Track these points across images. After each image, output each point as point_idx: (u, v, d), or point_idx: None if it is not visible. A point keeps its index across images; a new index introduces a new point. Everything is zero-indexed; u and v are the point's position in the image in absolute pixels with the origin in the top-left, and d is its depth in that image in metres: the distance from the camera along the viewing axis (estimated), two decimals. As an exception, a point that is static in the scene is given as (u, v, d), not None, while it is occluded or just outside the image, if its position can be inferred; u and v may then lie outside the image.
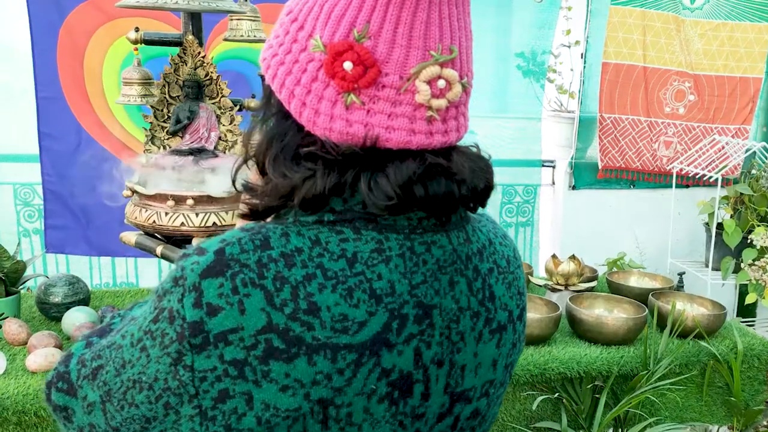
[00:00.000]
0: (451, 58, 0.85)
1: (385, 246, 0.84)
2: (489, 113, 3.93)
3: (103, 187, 2.36)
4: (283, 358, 0.77)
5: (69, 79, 3.16)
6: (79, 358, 0.92)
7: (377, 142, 0.84)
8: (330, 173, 0.84)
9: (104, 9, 3.09)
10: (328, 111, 0.85)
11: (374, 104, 0.84)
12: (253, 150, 0.93)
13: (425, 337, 0.85)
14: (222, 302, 0.77)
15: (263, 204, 0.90)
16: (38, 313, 2.34)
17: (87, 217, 3.33)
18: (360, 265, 0.82)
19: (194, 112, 2.21)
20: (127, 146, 3.26)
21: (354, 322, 0.79)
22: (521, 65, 3.83)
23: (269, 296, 0.78)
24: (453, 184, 0.85)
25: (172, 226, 2.06)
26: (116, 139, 3.26)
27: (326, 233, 0.83)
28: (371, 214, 0.84)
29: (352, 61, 0.83)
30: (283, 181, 0.85)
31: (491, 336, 0.93)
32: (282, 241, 0.82)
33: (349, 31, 0.83)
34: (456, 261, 0.90)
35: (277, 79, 0.89)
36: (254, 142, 1.00)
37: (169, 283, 0.81)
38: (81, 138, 3.23)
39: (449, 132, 0.88)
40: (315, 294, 0.79)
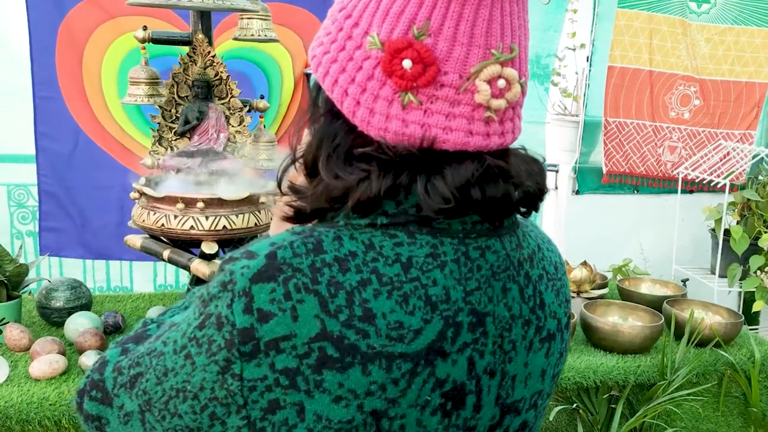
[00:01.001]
0: (511, 57, 0.82)
1: (440, 251, 0.81)
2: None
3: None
4: (336, 368, 0.74)
5: (67, 79, 3.08)
6: (115, 365, 0.88)
7: (434, 144, 0.80)
8: (385, 175, 0.80)
9: (105, 7, 3.02)
10: (384, 110, 0.81)
11: (432, 104, 0.80)
12: (302, 151, 0.89)
13: (479, 346, 0.82)
14: (274, 308, 0.74)
15: (312, 206, 0.86)
16: (38, 318, 2.28)
17: (83, 219, 3.25)
18: (415, 270, 0.79)
19: (203, 112, 2.16)
20: (126, 147, 3.19)
21: (409, 330, 0.76)
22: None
23: (323, 302, 0.75)
24: (510, 187, 0.83)
25: (181, 229, 2.00)
26: (114, 139, 3.18)
27: (380, 237, 0.80)
28: (425, 217, 0.81)
29: (411, 59, 0.79)
30: (337, 183, 0.82)
31: (541, 345, 0.90)
32: (335, 244, 0.79)
33: (408, 28, 0.80)
34: (509, 267, 0.87)
35: (329, 78, 0.85)
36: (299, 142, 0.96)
37: (216, 287, 0.78)
38: (78, 138, 3.15)
39: (506, 133, 0.85)
40: (370, 300, 0.76)
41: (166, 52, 2.97)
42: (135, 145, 3.18)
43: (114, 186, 3.20)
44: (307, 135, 0.93)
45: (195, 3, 1.91)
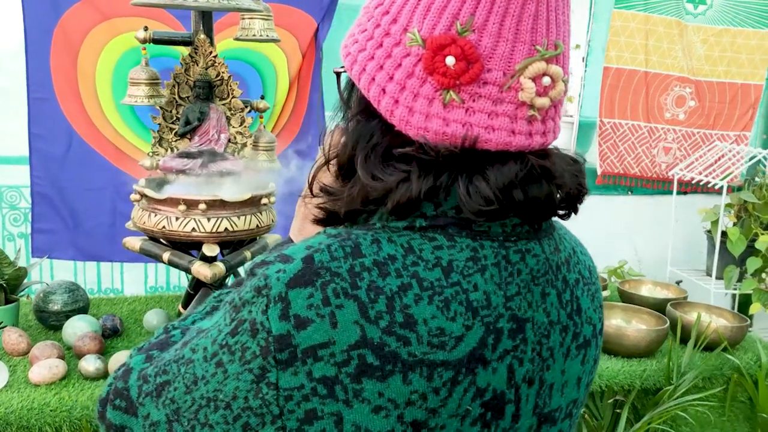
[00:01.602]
0: (556, 54, 0.80)
1: (480, 254, 0.79)
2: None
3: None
4: (376, 376, 0.72)
5: (62, 80, 3.04)
6: (140, 373, 0.86)
7: (476, 143, 0.78)
8: (425, 176, 0.78)
9: (100, 8, 2.99)
10: (424, 109, 0.79)
11: (474, 102, 0.78)
12: (335, 151, 0.87)
13: (518, 354, 0.80)
14: (312, 314, 0.72)
15: (346, 208, 0.84)
16: (35, 322, 2.24)
17: (75, 220, 3.21)
18: (456, 274, 0.77)
19: (204, 113, 2.13)
20: (119, 149, 3.15)
21: (451, 337, 0.74)
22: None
23: (363, 308, 0.72)
24: (553, 187, 0.81)
25: (182, 231, 1.97)
26: (108, 141, 3.15)
27: (418, 240, 0.78)
28: (465, 220, 0.79)
29: (454, 55, 0.77)
30: (376, 184, 0.80)
31: (577, 352, 0.88)
32: (374, 248, 0.77)
33: (451, 24, 0.78)
34: (548, 271, 0.85)
35: (365, 76, 0.83)
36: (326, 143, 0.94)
37: (249, 292, 0.75)
38: (72, 140, 3.12)
39: (547, 133, 0.83)
40: (411, 306, 0.73)
41: (162, 53, 2.94)
42: (129, 147, 3.15)
43: (107, 187, 3.17)
44: (332, 135, 0.91)
45: (200, 3, 1.88)
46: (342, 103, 0.91)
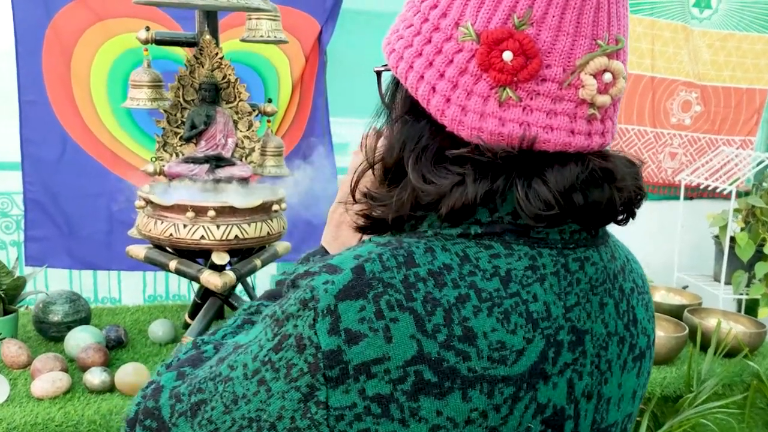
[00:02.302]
0: (618, 48, 0.75)
1: (539, 263, 0.74)
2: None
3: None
4: (434, 394, 0.67)
5: (55, 83, 2.96)
6: (172, 391, 0.79)
7: (534, 144, 0.73)
8: (481, 179, 0.73)
9: (94, 9, 2.91)
10: (479, 108, 0.74)
11: (532, 100, 0.73)
12: (380, 155, 0.81)
13: (578, 367, 0.75)
14: (364, 328, 0.67)
15: (394, 214, 0.79)
16: (34, 333, 2.15)
17: (70, 227, 3.12)
18: (515, 284, 0.72)
19: (211, 116, 2.06)
20: (116, 154, 3.07)
21: (512, 351, 0.70)
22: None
23: (420, 321, 0.67)
24: (614, 191, 0.76)
25: (191, 239, 1.90)
26: (104, 146, 3.06)
27: (474, 248, 0.73)
28: (523, 226, 0.74)
29: (512, 50, 0.72)
30: (429, 188, 0.74)
31: (633, 364, 0.84)
32: (428, 257, 0.71)
33: (507, 17, 0.72)
34: (606, 280, 0.80)
35: (412, 74, 0.78)
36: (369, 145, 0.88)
37: (294, 305, 0.70)
38: (66, 145, 3.03)
39: (606, 133, 0.78)
40: (470, 318, 0.69)
41: (161, 55, 2.87)
42: (125, 152, 3.07)
43: (103, 194, 3.09)
44: (373, 138, 0.86)
45: (208, 2, 1.81)
46: (386, 102, 0.85)
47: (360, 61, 3.14)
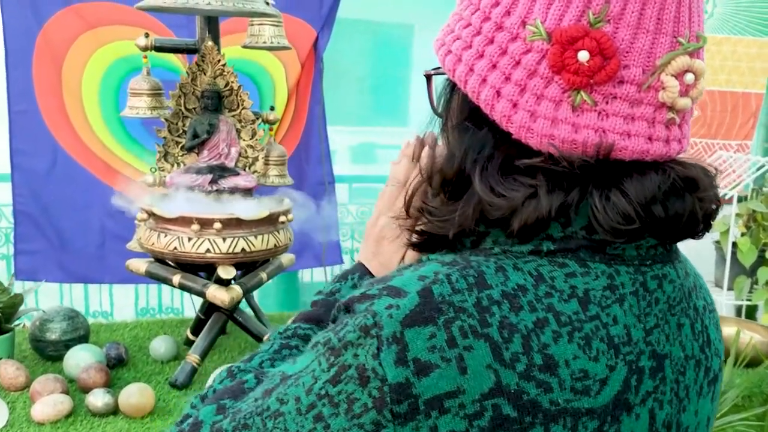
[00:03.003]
0: (700, 46, 0.70)
1: (617, 282, 0.68)
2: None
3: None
4: (514, 430, 0.62)
5: (45, 92, 2.88)
6: (213, 427, 0.73)
7: (611, 152, 0.67)
8: (555, 191, 0.67)
9: (85, 17, 2.83)
10: (550, 113, 0.68)
11: (608, 104, 0.68)
12: (438, 165, 0.75)
13: (659, 395, 0.70)
14: (435, 358, 0.61)
15: (456, 230, 0.73)
16: (31, 352, 2.07)
17: (61, 240, 3.04)
18: (594, 306, 0.66)
19: (213, 125, 1.99)
20: (108, 164, 2.99)
21: (595, 380, 0.64)
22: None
23: (496, 349, 0.61)
24: (696, 201, 0.70)
25: (196, 252, 1.83)
26: (96, 156, 2.98)
27: (548, 267, 0.67)
28: (599, 241, 0.68)
29: (588, 50, 0.66)
30: (500, 202, 0.68)
31: (708, 389, 0.78)
32: (500, 277, 0.65)
33: (582, 14, 0.67)
34: (682, 299, 0.74)
35: (473, 77, 0.71)
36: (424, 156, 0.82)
37: (353, 332, 0.63)
38: (57, 155, 2.95)
39: (683, 139, 0.73)
40: (550, 345, 0.63)
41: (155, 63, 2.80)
42: (118, 162, 3.00)
43: (94, 205, 3.00)
44: (425, 147, 0.80)
45: (215, 6, 1.75)
46: (441, 109, 0.79)
47: (352, 69, 3.09)
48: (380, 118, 7.17)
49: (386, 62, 6.90)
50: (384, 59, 6.89)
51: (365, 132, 6.90)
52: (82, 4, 2.82)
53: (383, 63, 6.85)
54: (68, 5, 2.79)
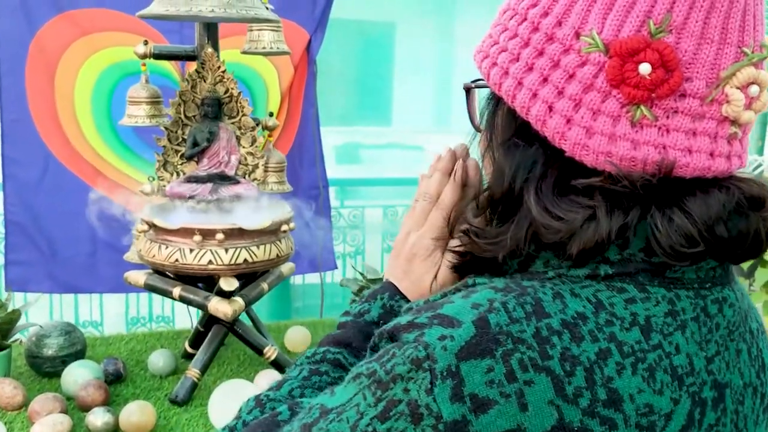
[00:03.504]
0: (764, 57, 0.66)
1: (678, 307, 0.65)
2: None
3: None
4: None
5: (38, 99, 2.82)
6: None
7: (672, 170, 0.64)
8: (615, 212, 0.64)
9: (79, 23, 2.78)
10: (607, 129, 0.64)
11: (669, 119, 0.64)
12: (488, 184, 0.72)
13: (720, 428, 0.66)
14: (493, 393, 0.57)
15: (506, 252, 0.69)
16: (26, 368, 2.01)
17: (52, 250, 2.98)
18: (656, 334, 0.63)
19: (214, 133, 1.95)
20: (100, 172, 2.93)
21: (660, 415, 0.60)
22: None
23: (558, 383, 0.58)
24: (760, 220, 0.67)
25: (197, 264, 1.78)
26: (89, 164, 2.92)
27: (606, 292, 0.63)
28: (658, 264, 0.65)
29: (650, 62, 0.63)
30: (559, 225, 0.64)
31: (764, 417, 0.75)
32: (558, 305, 0.62)
33: (642, 24, 0.63)
34: (740, 323, 0.71)
35: (523, 92, 0.68)
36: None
37: (403, 364, 0.59)
38: (49, 164, 2.89)
39: (743, 154, 0.70)
40: (614, 378, 0.59)
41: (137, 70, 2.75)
42: (110, 170, 2.94)
43: (85, 213, 2.95)
44: (488, 164, 0.76)
45: (217, 13, 1.70)
46: (486, 126, 0.76)
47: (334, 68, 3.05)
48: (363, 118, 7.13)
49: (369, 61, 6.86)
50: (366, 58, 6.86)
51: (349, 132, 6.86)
52: (76, 10, 2.77)
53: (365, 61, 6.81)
54: (61, 12, 2.74)
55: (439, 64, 7.01)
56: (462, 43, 3.70)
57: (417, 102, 6.68)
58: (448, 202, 0.86)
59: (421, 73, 6.59)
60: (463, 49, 4.00)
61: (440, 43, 6.75)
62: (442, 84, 7.03)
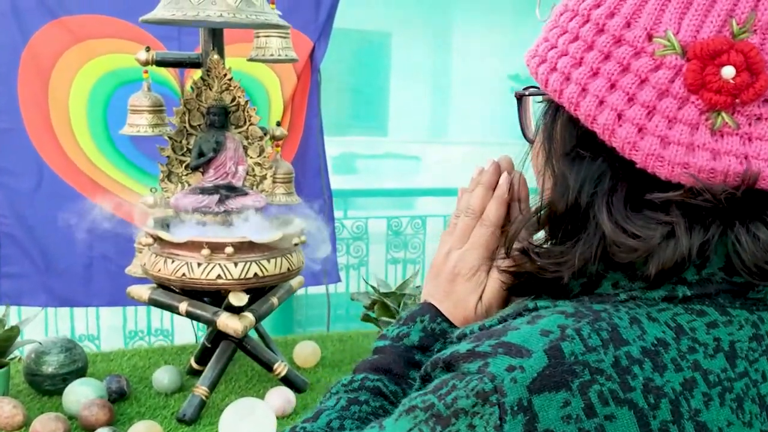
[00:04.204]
0: None
1: (762, 331, 0.60)
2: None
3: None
4: None
5: (31, 108, 2.75)
6: None
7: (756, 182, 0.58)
8: (694, 228, 0.58)
9: (73, 29, 2.71)
10: (685, 139, 0.59)
11: (752, 127, 0.59)
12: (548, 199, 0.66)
13: None
14: (571, 429, 0.52)
15: (570, 272, 0.63)
16: (25, 386, 1.94)
17: (46, 262, 2.90)
18: (741, 361, 0.58)
19: (220, 143, 1.88)
20: (96, 182, 2.86)
21: None
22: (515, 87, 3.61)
23: (642, 418, 0.52)
24: None
25: (206, 279, 1.72)
26: (84, 174, 2.85)
27: (685, 315, 0.58)
28: (740, 284, 0.60)
29: (734, 65, 0.57)
30: (633, 244, 0.59)
31: None
32: (635, 330, 0.56)
33: (723, 24, 0.58)
34: None
35: (588, 99, 0.62)
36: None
37: (467, 398, 0.53)
38: (43, 174, 2.82)
39: None
40: (702, 410, 0.54)
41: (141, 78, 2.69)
42: (106, 181, 2.87)
43: (81, 225, 2.87)
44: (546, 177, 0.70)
45: (227, 18, 1.63)
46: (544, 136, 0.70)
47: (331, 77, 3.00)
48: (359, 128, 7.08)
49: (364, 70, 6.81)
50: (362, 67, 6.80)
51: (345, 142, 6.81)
52: (70, 16, 2.70)
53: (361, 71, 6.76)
54: (55, 18, 2.67)
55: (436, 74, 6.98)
56: (458, 53, 3.67)
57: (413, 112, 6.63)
58: (494, 218, 0.80)
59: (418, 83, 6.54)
60: (459, 59, 3.95)
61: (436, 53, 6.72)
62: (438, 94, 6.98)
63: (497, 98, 3.66)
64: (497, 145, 3.77)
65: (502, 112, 3.71)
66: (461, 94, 5.16)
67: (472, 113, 3.71)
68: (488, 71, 3.58)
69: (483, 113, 3.70)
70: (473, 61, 3.60)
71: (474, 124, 3.67)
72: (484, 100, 3.67)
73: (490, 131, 3.73)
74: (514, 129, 0.76)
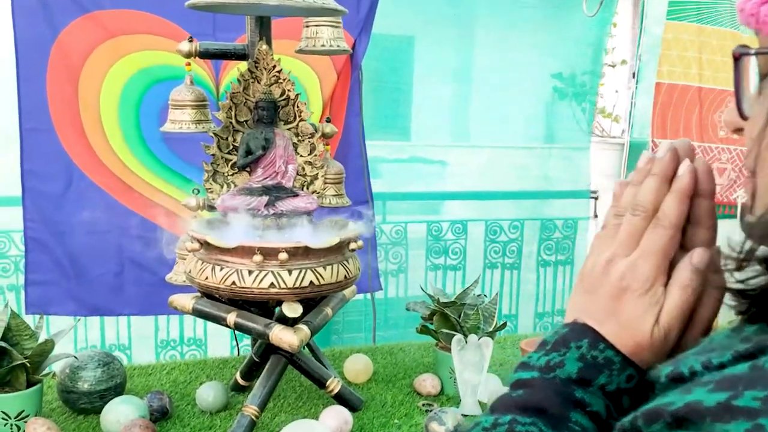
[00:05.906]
0: None
1: None
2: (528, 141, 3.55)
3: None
4: None
5: (60, 107, 2.61)
6: None
7: None
8: None
9: (104, 24, 2.57)
10: None
11: None
12: None
13: None
14: None
15: None
16: (59, 404, 1.80)
17: (75, 268, 2.76)
18: None
19: (269, 140, 1.74)
20: (129, 185, 2.72)
21: None
22: (558, 87, 3.46)
23: None
24: None
25: (257, 287, 1.57)
26: (116, 177, 2.71)
27: None
28: None
29: None
30: None
31: None
32: None
33: None
34: None
35: None
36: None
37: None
38: (72, 176, 2.68)
39: None
40: None
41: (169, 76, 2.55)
42: (140, 183, 2.73)
43: (112, 230, 2.74)
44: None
45: (283, 2, 1.49)
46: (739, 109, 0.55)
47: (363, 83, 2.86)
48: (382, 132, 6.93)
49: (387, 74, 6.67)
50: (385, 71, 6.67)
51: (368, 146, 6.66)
52: (101, 11, 2.56)
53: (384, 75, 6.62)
54: (86, 13, 2.53)
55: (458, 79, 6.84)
56: (481, 56, 3.54)
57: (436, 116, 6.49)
58: (674, 217, 0.64)
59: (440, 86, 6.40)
60: (482, 63, 3.79)
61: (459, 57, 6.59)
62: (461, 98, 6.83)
63: (531, 100, 3.51)
64: (526, 149, 3.62)
65: (535, 114, 3.56)
66: (485, 98, 5.05)
67: (502, 116, 3.59)
68: (535, 70, 3.42)
69: (516, 116, 3.55)
70: (504, 63, 3.50)
71: (503, 128, 3.52)
72: (518, 102, 3.52)
73: (523, 135, 3.57)
74: (562, 131, 0.60)
